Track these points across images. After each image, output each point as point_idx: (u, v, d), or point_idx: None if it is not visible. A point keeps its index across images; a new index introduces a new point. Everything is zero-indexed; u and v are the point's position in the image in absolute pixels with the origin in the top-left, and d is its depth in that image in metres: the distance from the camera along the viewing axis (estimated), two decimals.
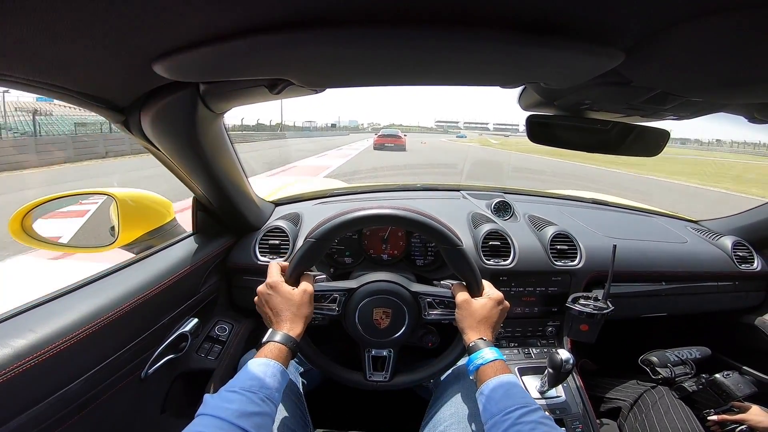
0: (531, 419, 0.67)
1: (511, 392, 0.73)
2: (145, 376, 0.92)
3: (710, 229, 1.69)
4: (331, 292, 0.96)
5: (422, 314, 0.96)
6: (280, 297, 0.85)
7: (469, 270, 0.92)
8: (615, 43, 0.49)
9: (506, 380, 0.76)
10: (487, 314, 0.88)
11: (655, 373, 1.35)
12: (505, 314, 0.93)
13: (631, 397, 1.34)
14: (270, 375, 0.72)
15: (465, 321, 0.88)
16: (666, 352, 1.39)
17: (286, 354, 0.78)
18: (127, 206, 1.14)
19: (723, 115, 0.81)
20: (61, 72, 0.53)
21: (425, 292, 0.97)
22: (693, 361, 1.38)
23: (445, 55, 0.52)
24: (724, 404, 1.28)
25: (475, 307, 0.88)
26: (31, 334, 0.67)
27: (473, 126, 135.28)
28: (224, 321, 1.26)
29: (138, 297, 0.89)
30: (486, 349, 0.81)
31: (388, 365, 0.97)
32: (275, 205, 1.50)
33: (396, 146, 22.44)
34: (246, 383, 0.68)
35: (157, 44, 0.47)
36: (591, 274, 1.33)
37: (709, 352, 1.43)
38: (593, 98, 0.76)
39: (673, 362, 1.36)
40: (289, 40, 0.45)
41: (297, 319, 0.84)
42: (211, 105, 0.73)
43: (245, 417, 0.62)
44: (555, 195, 1.93)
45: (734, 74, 0.56)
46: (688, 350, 1.41)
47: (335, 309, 0.95)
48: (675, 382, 1.34)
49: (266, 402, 0.68)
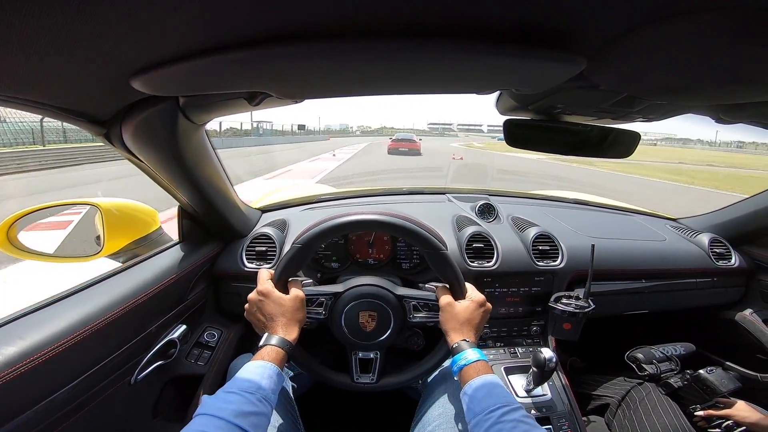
0: (512, 417, 0.69)
1: (493, 392, 0.75)
2: (134, 381, 0.93)
3: (688, 226, 1.73)
4: (317, 296, 0.97)
5: (407, 317, 0.98)
6: (273, 303, 0.87)
7: (452, 273, 0.95)
8: (577, 50, 0.51)
9: (489, 380, 0.78)
10: (470, 316, 0.90)
11: (641, 369, 1.37)
12: (488, 316, 0.95)
13: (619, 394, 1.37)
14: (267, 377, 0.73)
15: (448, 323, 0.91)
16: (651, 348, 1.42)
17: (282, 357, 0.80)
18: (111, 216, 1.14)
19: (692, 116, 0.85)
20: (40, 88, 0.54)
21: (410, 295, 0.99)
22: (678, 357, 1.41)
23: (417, 66, 0.54)
24: (709, 400, 1.30)
25: (458, 310, 0.91)
26: (21, 341, 0.68)
27: (467, 128, 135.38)
28: (213, 327, 1.27)
29: (125, 305, 0.90)
30: (469, 350, 0.84)
31: (374, 367, 0.98)
32: (262, 212, 1.51)
33: (411, 151, 22.40)
34: (244, 384, 0.70)
35: (135, 60, 0.49)
36: (573, 274, 1.36)
37: (694, 348, 1.46)
38: (565, 102, 0.78)
39: (659, 358, 1.39)
40: (263, 56, 0.47)
41: (292, 323, 0.86)
42: (191, 116, 0.74)
43: (243, 416, 0.64)
44: (538, 196, 1.97)
45: (693, 78, 0.58)
46: (673, 346, 1.44)
47: (322, 313, 0.97)
48: (661, 378, 1.36)
49: (263, 402, 0.69)
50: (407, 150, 22.47)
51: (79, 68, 0.49)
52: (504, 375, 1.24)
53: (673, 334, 1.61)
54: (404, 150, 22.44)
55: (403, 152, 22.21)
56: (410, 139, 24.10)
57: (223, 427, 0.61)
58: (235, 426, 0.62)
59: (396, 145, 22.99)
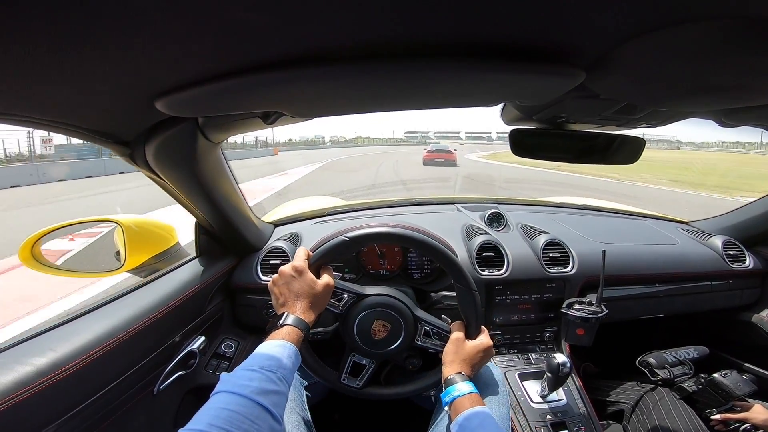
0: None
1: (485, 422, 0.76)
2: (157, 392, 0.96)
3: (700, 229, 1.73)
4: (343, 291, 0.99)
5: (415, 338, 1.00)
6: (304, 283, 0.86)
7: (475, 315, 0.97)
8: (575, 63, 0.53)
9: (481, 411, 0.79)
10: (471, 356, 0.93)
11: (653, 374, 1.36)
12: (487, 361, 0.98)
13: (632, 399, 1.36)
14: (286, 356, 0.72)
15: (449, 355, 0.93)
16: (663, 353, 1.41)
17: (300, 338, 0.79)
18: (132, 232, 1.18)
19: (695, 120, 0.86)
20: (70, 111, 0.58)
21: (426, 320, 1.01)
22: (691, 361, 1.39)
23: (422, 84, 0.57)
24: (725, 403, 1.28)
25: (465, 347, 0.94)
26: (52, 353, 0.71)
27: (444, 135, 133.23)
28: (230, 338, 1.30)
29: (148, 318, 0.93)
30: (462, 383, 0.85)
31: (364, 374, 1.00)
32: (275, 226, 1.54)
33: (447, 161, 22.04)
34: (264, 363, 0.69)
35: (159, 83, 0.52)
36: (585, 280, 1.37)
37: (708, 352, 1.45)
38: (568, 111, 0.80)
39: (672, 363, 1.37)
40: (277, 78, 0.50)
41: (313, 308, 0.85)
42: (209, 135, 0.78)
43: (264, 394, 0.63)
44: (548, 203, 1.97)
45: (691, 86, 0.60)
46: (686, 350, 1.43)
47: (339, 307, 0.99)
48: (674, 382, 1.35)
49: (283, 382, 0.68)
50: (443, 161, 22.06)
51: (107, 92, 0.53)
52: (518, 381, 1.24)
53: (688, 337, 1.60)
54: (440, 161, 22.05)
55: (440, 163, 21.78)
56: (445, 150, 23.55)
57: (244, 404, 0.60)
58: (257, 404, 0.61)
59: (431, 156, 22.46)
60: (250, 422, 0.58)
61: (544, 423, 1.13)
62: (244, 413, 0.59)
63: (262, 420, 0.60)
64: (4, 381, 0.63)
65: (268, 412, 0.61)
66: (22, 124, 0.58)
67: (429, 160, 21.85)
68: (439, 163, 21.77)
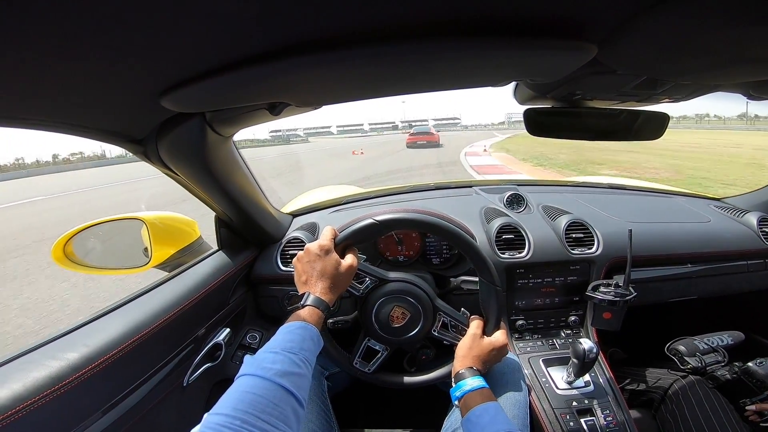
0: None
1: (496, 418, 0.75)
2: (186, 384, 1.00)
3: (734, 205, 1.63)
4: (366, 274, 1.00)
5: (432, 328, 1.00)
6: (328, 263, 0.86)
7: (496, 312, 0.96)
8: (585, 37, 0.51)
9: (492, 406, 0.78)
10: (486, 353, 0.92)
11: (683, 362, 1.30)
12: (500, 360, 0.97)
13: (661, 388, 1.31)
14: (308, 338, 0.73)
15: (462, 350, 0.92)
16: (695, 339, 1.35)
17: (320, 318, 0.80)
18: (156, 228, 1.22)
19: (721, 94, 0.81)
20: (78, 112, 0.60)
21: (445, 311, 1.01)
22: (725, 347, 1.33)
23: (430, 66, 0.56)
24: (760, 393, 1.22)
25: (480, 343, 0.93)
26: (85, 348, 0.74)
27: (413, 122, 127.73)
28: (254, 329, 1.33)
29: (175, 311, 0.96)
30: (473, 378, 0.85)
31: (377, 360, 1.01)
32: (293, 217, 1.56)
33: (429, 143, 22.97)
34: (287, 345, 0.69)
35: (163, 80, 0.53)
36: (611, 261, 1.32)
37: (743, 338, 1.38)
38: (583, 88, 0.77)
39: (703, 350, 1.31)
40: (279, 68, 0.49)
41: (334, 289, 0.85)
42: (218, 129, 0.79)
43: (287, 376, 0.63)
44: (570, 183, 1.91)
45: (715, 58, 0.56)
46: (719, 336, 1.36)
47: (360, 290, 0.99)
48: (706, 371, 1.29)
49: (305, 363, 0.68)
50: (426, 143, 23.05)
51: (112, 91, 0.54)
52: (543, 367, 1.22)
53: (722, 320, 1.53)
54: (422, 143, 23.05)
55: (422, 145, 22.73)
56: (427, 132, 24.86)
57: (268, 387, 0.60)
58: (280, 386, 0.61)
59: (414, 138, 23.57)
60: (273, 405, 0.58)
61: (570, 409, 1.10)
62: (268, 396, 0.59)
63: (285, 402, 0.60)
64: (40, 377, 0.66)
65: (291, 395, 0.61)
66: (35, 128, 0.59)
67: (412, 143, 23.07)
68: (422, 145, 22.77)
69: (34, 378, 0.65)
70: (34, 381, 0.65)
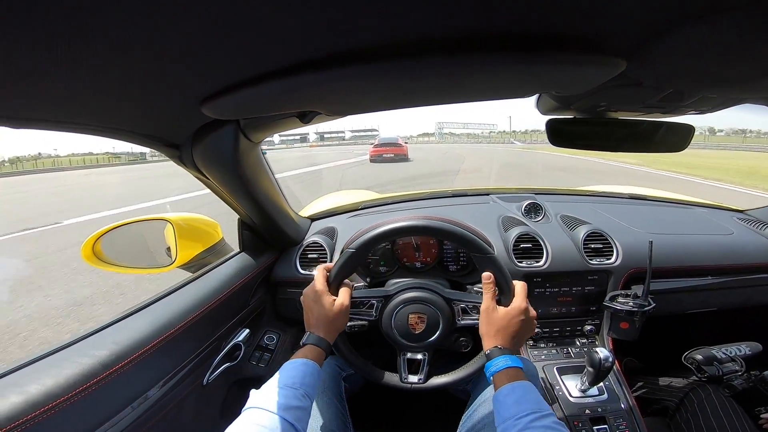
0: (541, 424, 0.68)
1: (524, 398, 0.75)
2: (206, 382, 1.02)
3: (758, 218, 1.61)
4: (369, 298, 1.02)
5: (455, 319, 1.00)
6: (321, 308, 0.92)
7: (501, 277, 0.94)
8: (615, 52, 0.51)
9: (520, 386, 0.77)
10: (506, 324, 0.88)
11: (700, 371, 1.30)
12: (531, 326, 0.92)
13: (677, 396, 1.30)
14: (309, 374, 0.78)
15: (483, 328, 0.91)
16: (712, 349, 1.34)
17: (321, 355, 0.86)
18: (181, 229, 1.25)
19: (747, 106, 0.81)
20: (126, 119, 0.63)
21: (458, 298, 1.01)
22: (742, 357, 1.32)
23: (458, 79, 0.57)
24: None
25: (495, 317, 0.89)
26: (115, 345, 0.77)
27: (334, 136, 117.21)
28: (272, 331, 1.36)
29: (200, 310, 0.99)
30: (500, 358, 0.83)
31: (422, 368, 1.00)
32: (312, 221, 1.58)
33: (397, 156, 18.49)
34: (288, 380, 0.75)
35: (204, 88, 0.55)
36: (630, 271, 1.32)
37: (761, 348, 1.36)
38: (608, 100, 0.78)
39: (721, 359, 1.31)
40: (314, 79, 0.51)
41: (332, 328, 0.91)
42: (250, 136, 0.81)
43: (290, 410, 0.69)
44: (589, 192, 1.89)
45: (744, 72, 0.56)
46: (737, 346, 1.35)
47: (373, 314, 1.01)
48: (723, 380, 1.28)
49: (306, 398, 0.74)
50: (392, 156, 18.50)
51: (158, 99, 0.57)
52: (557, 375, 1.22)
53: (740, 332, 1.50)
54: (389, 156, 18.45)
55: (388, 159, 18.29)
56: (395, 143, 19.64)
57: (273, 419, 0.66)
58: (283, 419, 0.67)
59: (378, 151, 18.67)
60: None
61: (583, 417, 1.10)
62: (273, 428, 0.65)
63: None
64: (71, 374, 0.68)
65: (293, 427, 0.68)
66: (83, 132, 0.62)
67: (376, 156, 18.37)
68: (388, 159, 18.21)
69: (66, 375, 0.67)
70: (66, 378, 0.67)
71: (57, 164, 52.59)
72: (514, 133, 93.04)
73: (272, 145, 73.27)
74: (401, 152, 18.75)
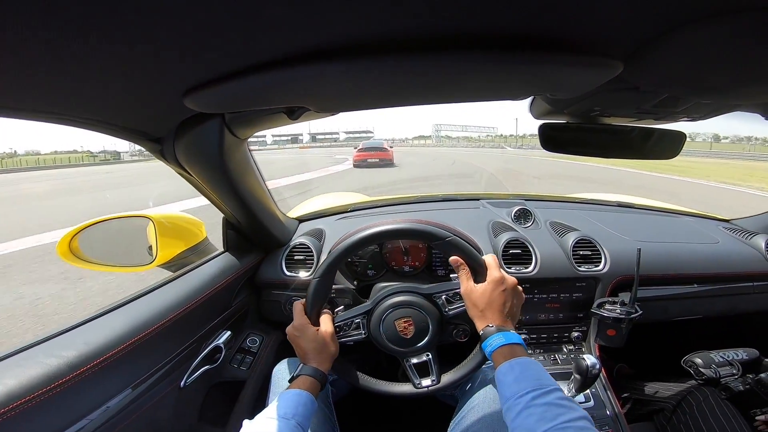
0: (543, 401, 0.66)
1: (523, 375, 0.72)
2: (184, 385, 0.98)
3: (743, 227, 1.63)
4: (351, 319, 1.00)
5: (443, 312, 0.98)
6: (306, 340, 0.92)
7: (465, 256, 0.92)
8: (612, 54, 0.50)
9: (518, 363, 0.74)
10: (489, 300, 0.85)
11: (698, 374, 1.31)
12: (515, 293, 0.89)
13: (674, 399, 1.30)
14: (302, 404, 0.79)
15: (470, 311, 0.88)
16: (710, 353, 1.35)
17: (315, 385, 0.86)
18: (163, 227, 1.22)
19: (739, 114, 0.81)
20: (104, 109, 0.60)
21: (438, 290, 0.99)
22: (740, 362, 1.33)
23: (452, 78, 0.55)
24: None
25: (476, 296, 0.87)
26: (85, 346, 0.73)
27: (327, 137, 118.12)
28: (255, 333, 1.32)
29: (178, 311, 0.95)
30: (493, 336, 0.80)
31: (432, 368, 0.98)
32: (299, 222, 1.55)
33: (382, 161, 18.13)
34: (281, 411, 0.75)
35: (187, 80, 0.53)
36: (618, 279, 1.32)
37: (757, 354, 1.38)
38: (602, 104, 0.77)
39: (719, 363, 1.32)
40: (302, 73, 0.49)
41: (323, 357, 0.91)
42: (235, 131, 0.78)
43: None
44: (578, 200, 1.90)
45: (740, 77, 0.56)
46: (735, 352, 1.37)
47: (362, 333, 0.99)
48: (720, 382, 1.29)
49: (298, 427, 0.74)
50: (378, 161, 18.14)
51: (138, 89, 0.54)
52: None
53: (730, 339, 1.52)
54: (374, 161, 18.11)
55: (375, 164, 17.92)
56: (380, 147, 19.23)
57: None
58: None
59: (363, 155, 18.30)
60: None
61: None
62: None
63: None
64: (36, 375, 0.64)
65: None
66: (59, 122, 0.59)
67: (360, 161, 17.97)
68: (373, 164, 17.81)
69: (30, 376, 0.64)
70: (30, 379, 0.64)
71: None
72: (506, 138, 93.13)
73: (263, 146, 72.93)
74: (386, 157, 18.54)
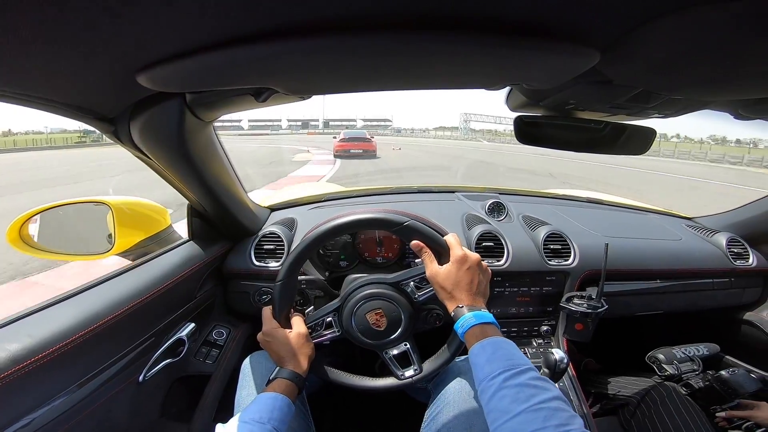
0: (516, 382, 0.65)
1: (495, 355, 0.71)
2: (142, 380, 0.94)
3: (705, 225, 1.69)
4: (322, 318, 0.98)
5: (414, 299, 0.97)
6: (278, 344, 0.91)
7: (425, 239, 0.91)
8: (590, 43, 0.49)
9: (489, 343, 0.73)
10: (455, 280, 0.85)
11: (661, 370, 1.35)
12: (479, 270, 0.89)
13: (638, 394, 1.34)
14: (278, 408, 0.78)
15: (440, 295, 0.87)
16: (673, 349, 1.40)
17: (293, 389, 0.85)
18: (123, 214, 1.15)
19: (709, 112, 0.82)
20: (45, 85, 0.54)
21: (404, 277, 0.98)
22: (701, 358, 1.38)
23: (423, 61, 0.53)
24: (730, 401, 1.27)
25: (441, 278, 0.86)
26: (29, 339, 0.68)
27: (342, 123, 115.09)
28: (221, 325, 1.27)
29: (134, 302, 0.90)
30: (464, 317, 0.80)
31: (412, 358, 0.97)
32: (271, 211, 1.51)
33: (365, 152, 17.77)
34: (256, 415, 0.74)
35: (140, 56, 0.48)
36: (585, 273, 1.34)
37: (718, 349, 1.44)
38: (577, 98, 0.76)
39: (680, 359, 1.37)
40: (267, 51, 0.46)
41: (299, 358, 0.90)
42: (198, 113, 0.74)
43: None
44: (551, 195, 1.93)
45: (713, 72, 0.56)
46: (696, 347, 1.42)
47: (336, 331, 0.98)
48: (681, 378, 1.34)
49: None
50: (361, 152, 17.76)
51: (83, 63, 0.49)
52: None
53: (691, 335, 1.58)
54: (357, 152, 17.64)
55: (356, 154, 17.36)
56: (362, 137, 18.98)
57: None
58: None
59: (344, 146, 17.68)
60: None
61: None
62: None
63: None
64: None
65: None
66: None
67: (342, 151, 17.41)
68: (355, 155, 17.27)
69: None
70: None
71: None
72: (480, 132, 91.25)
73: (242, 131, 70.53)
74: (369, 148, 18.36)
